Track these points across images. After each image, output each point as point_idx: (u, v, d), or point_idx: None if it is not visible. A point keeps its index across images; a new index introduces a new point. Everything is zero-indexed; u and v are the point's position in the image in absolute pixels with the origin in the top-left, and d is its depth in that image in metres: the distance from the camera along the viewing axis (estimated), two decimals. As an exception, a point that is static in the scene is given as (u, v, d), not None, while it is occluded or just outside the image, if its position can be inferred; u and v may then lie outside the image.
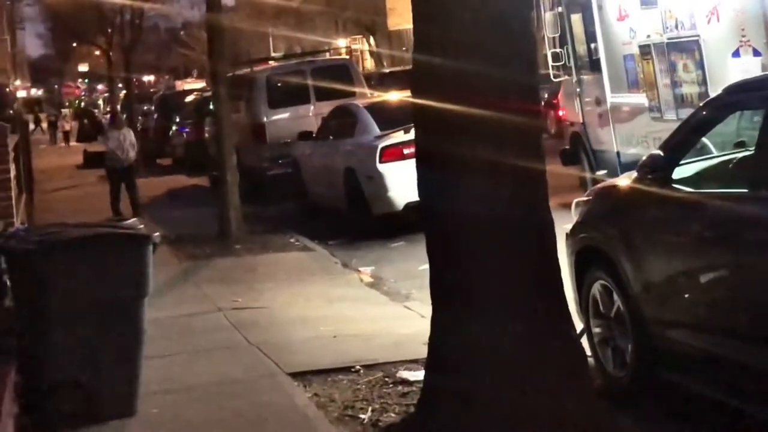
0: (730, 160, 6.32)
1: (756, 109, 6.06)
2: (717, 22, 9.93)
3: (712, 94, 9.13)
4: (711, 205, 5.55)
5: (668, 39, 10.69)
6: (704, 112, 6.13)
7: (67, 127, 51.50)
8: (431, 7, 5.41)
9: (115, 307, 6.22)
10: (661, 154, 6.05)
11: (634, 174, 6.36)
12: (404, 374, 6.93)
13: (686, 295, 5.74)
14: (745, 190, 5.40)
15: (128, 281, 6.26)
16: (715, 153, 7.17)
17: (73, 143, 47.60)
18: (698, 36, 10.19)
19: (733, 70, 9.66)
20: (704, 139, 6.63)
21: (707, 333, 5.59)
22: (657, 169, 6.01)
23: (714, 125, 6.15)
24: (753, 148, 5.69)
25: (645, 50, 11.18)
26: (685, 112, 9.80)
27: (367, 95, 18.64)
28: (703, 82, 10.18)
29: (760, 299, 5.14)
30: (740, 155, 6.26)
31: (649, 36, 11.06)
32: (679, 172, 6.08)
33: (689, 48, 10.36)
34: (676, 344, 5.83)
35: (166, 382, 7.09)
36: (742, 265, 5.26)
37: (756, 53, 9.50)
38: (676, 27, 10.54)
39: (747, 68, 9.44)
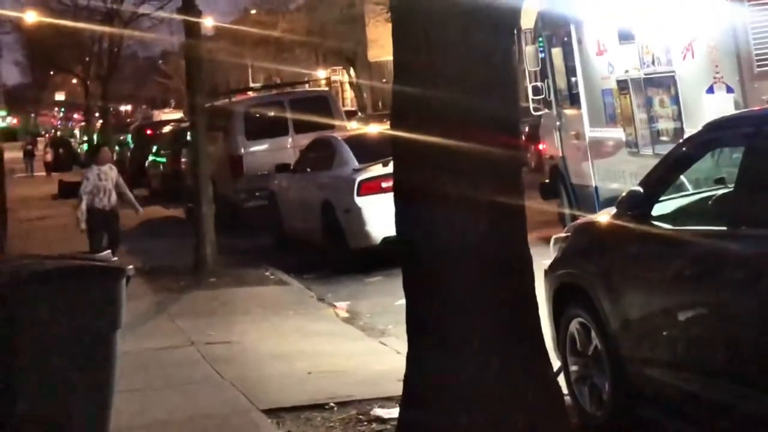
0: (709, 197, 6.27)
1: (736, 146, 6.03)
2: (692, 58, 9.97)
3: (687, 130, 9.16)
4: (690, 243, 5.51)
5: (645, 74, 10.72)
6: (684, 149, 6.11)
7: (48, 158, 51.18)
8: (412, 39, 5.35)
9: (87, 340, 6.11)
10: (641, 190, 6.01)
11: (613, 210, 6.32)
12: (378, 412, 6.86)
13: (665, 333, 5.68)
14: (725, 228, 5.36)
15: (101, 314, 6.14)
16: (691, 190, 7.14)
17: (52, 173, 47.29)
18: (674, 72, 10.23)
19: (707, 106, 9.67)
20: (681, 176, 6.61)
21: (685, 371, 5.54)
22: (636, 205, 5.98)
23: (694, 162, 6.12)
24: (732, 185, 5.66)
25: (623, 85, 11.20)
26: (661, 148, 9.83)
27: (347, 127, 18.60)
28: (679, 117, 10.20)
29: (739, 337, 5.09)
30: (720, 192, 6.22)
31: (626, 71, 11.08)
32: (658, 209, 6.04)
33: (665, 83, 10.39)
34: (653, 382, 5.77)
35: (138, 417, 7.00)
36: (721, 303, 5.21)
37: (729, 90, 9.52)
38: (653, 63, 10.57)
39: (720, 105, 9.44)
